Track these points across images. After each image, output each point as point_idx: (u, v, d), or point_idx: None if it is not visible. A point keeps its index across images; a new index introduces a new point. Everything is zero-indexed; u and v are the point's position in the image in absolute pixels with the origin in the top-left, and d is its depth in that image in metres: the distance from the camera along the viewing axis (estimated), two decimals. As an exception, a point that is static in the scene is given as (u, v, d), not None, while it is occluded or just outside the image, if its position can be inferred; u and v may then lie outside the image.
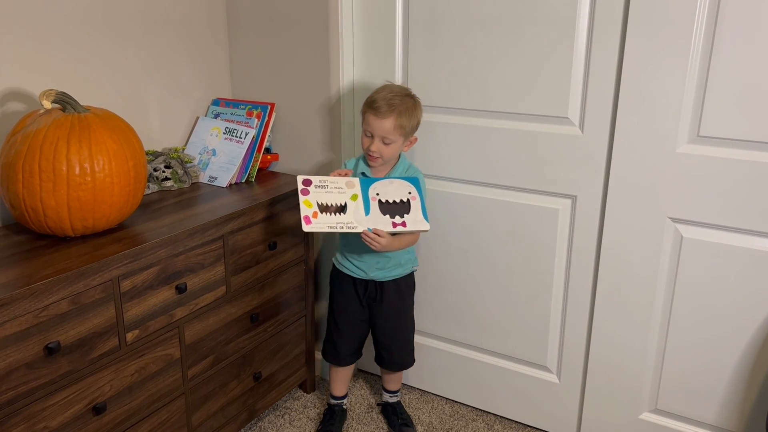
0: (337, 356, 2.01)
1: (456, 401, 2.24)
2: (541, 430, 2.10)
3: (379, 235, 1.68)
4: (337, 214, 1.70)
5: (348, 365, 2.06)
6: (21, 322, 1.28)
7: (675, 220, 1.69)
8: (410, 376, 2.29)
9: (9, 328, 1.26)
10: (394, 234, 1.72)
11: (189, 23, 2.09)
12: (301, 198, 1.69)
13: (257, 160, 2.09)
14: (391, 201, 1.74)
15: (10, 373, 1.28)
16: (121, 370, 1.52)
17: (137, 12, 1.92)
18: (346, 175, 1.77)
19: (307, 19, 2.03)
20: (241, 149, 2.04)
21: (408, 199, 1.75)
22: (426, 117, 1.97)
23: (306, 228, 1.67)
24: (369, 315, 1.96)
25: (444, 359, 2.20)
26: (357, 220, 1.70)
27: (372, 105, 1.73)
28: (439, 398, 2.27)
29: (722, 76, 1.54)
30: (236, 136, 2.07)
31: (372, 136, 1.75)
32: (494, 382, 2.13)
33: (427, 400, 2.25)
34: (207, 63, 2.18)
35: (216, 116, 2.18)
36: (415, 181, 1.78)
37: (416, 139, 1.84)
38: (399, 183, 1.76)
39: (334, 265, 1.96)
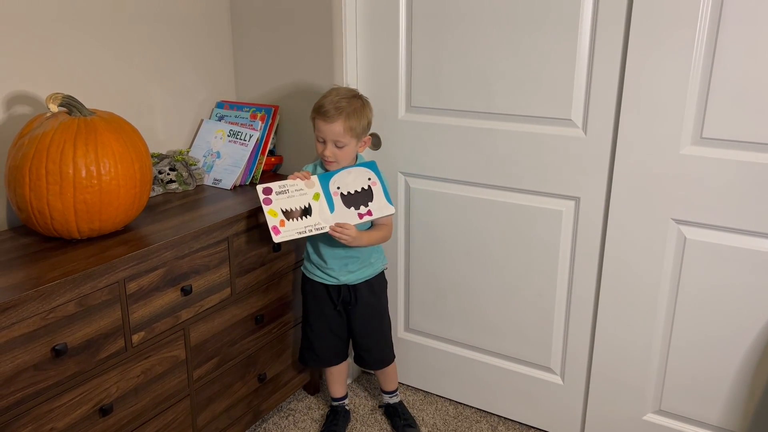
0: (317, 359, 2.00)
1: (460, 402, 2.25)
2: (544, 431, 2.10)
3: (345, 227, 1.69)
4: (303, 217, 1.70)
5: (333, 366, 2.05)
6: (28, 324, 1.29)
7: (678, 222, 1.69)
8: (414, 377, 2.30)
9: (17, 329, 1.27)
10: (363, 227, 1.72)
11: (193, 27, 2.10)
12: (265, 208, 1.69)
13: (261, 163, 2.10)
14: (352, 192, 1.74)
15: (18, 375, 1.29)
16: (128, 371, 1.53)
17: (142, 16, 1.93)
18: (304, 177, 1.75)
19: (310, 22, 2.04)
20: (245, 151, 2.05)
21: (369, 186, 1.75)
22: (429, 119, 1.98)
23: (276, 239, 1.67)
24: (345, 318, 1.96)
25: (448, 361, 2.21)
26: (323, 220, 1.71)
27: (320, 110, 1.73)
28: (442, 399, 2.27)
29: (725, 78, 1.54)
30: (240, 139, 2.08)
31: (324, 141, 1.75)
32: (498, 383, 2.13)
33: (430, 401, 2.26)
34: (211, 66, 2.19)
35: (220, 119, 2.19)
36: (372, 165, 1.77)
37: (369, 139, 1.85)
38: (357, 171, 1.76)
39: (303, 273, 1.95)
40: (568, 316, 1.94)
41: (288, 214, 1.70)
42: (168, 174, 1.95)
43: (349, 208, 1.73)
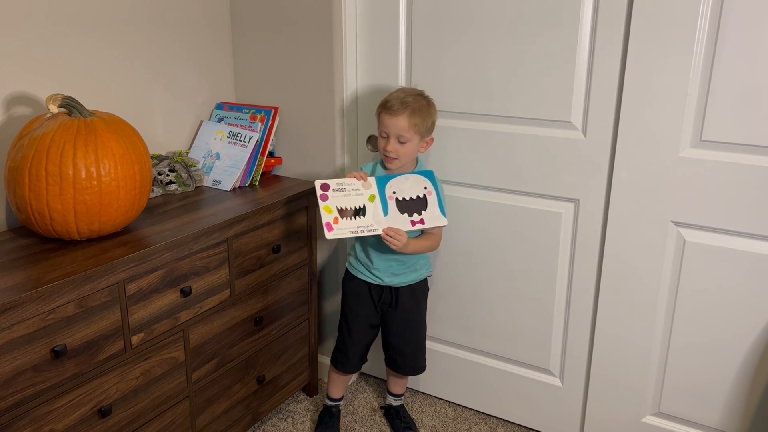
0: (347, 364, 2.00)
1: (459, 404, 2.25)
2: (543, 433, 2.11)
3: (398, 233, 1.69)
4: (357, 217, 1.71)
5: (355, 372, 2.05)
6: (28, 325, 1.28)
7: (678, 224, 1.69)
8: (413, 379, 2.30)
9: (16, 331, 1.26)
10: (413, 234, 1.73)
11: (193, 28, 2.10)
12: (321, 204, 1.69)
13: (261, 164, 2.10)
14: (407, 198, 1.74)
15: (17, 376, 1.28)
16: (127, 373, 1.53)
17: (142, 17, 1.93)
18: (362, 177, 1.75)
19: (310, 24, 2.04)
20: (244, 153, 2.05)
21: (424, 195, 1.75)
22: (429, 121, 1.98)
23: (329, 235, 1.67)
24: (381, 320, 1.96)
25: (447, 362, 2.21)
26: (376, 222, 1.71)
27: (386, 105, 1.75)
28: (442, 401, 2.27)
29: (725, 80, 1.55)
30: (240, 140, 2.08)
31: (387, 137, 1.76)
32: (497, 385, 2.13)
33: (430, 403, 2.26)
34: (211, 67, 2.20)
35: (220, 120, 2.19)
36: (429, 175, 1.78)
37: (432, 140, 1.84)
38: (414, 178, 1.77)
39: (347, 269, 1.96)
40: (567, 319, 1.94)
41: (343, 212, 1.70)
42: (167, 175, 1.95)
43: (402, 213, 1.73)
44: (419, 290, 1.93)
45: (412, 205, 1.74)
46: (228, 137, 2.10)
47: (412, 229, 1.73)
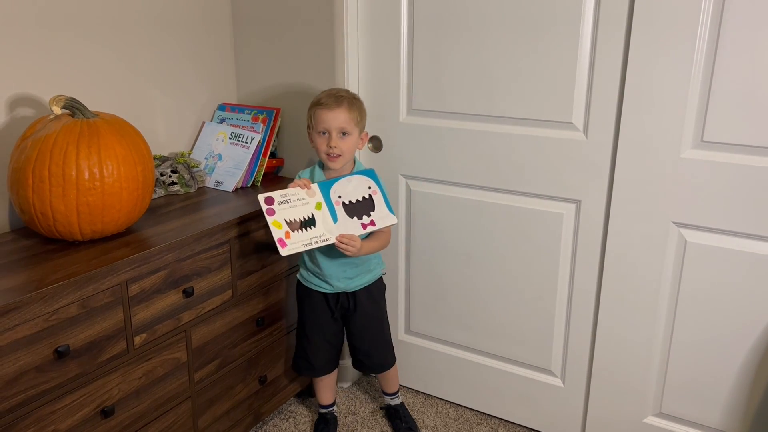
0: (311, 369, 1.98)
1: (460, 405, 2.25)
2: (545, 433, 2.11)
3: (352, 239, 1.68)
4: (308, 228, 1.66)
5: (326, 374, 2.03)
6: (31, 326, 1.29)
7: (679, 225, 1.70)
8: (414, 379, 2.30)
9: (19, 331, 1.27)
10: (363, 235, 1.72)
11: (195, 29, 2.11)
12: (269, 219, 1.63)
13: (263, 165, 2.11)
14: (354, 201, 1.73)
15: (20, 377, 1.29)
16: (129, 373, 1.53)
17: (144, 18, 1.94)
18: (305, 185, 1.70)
19: (312, 25, 2.04)
20: (246, 154, 2.06)
21: (370, 195, 1.74)
22: (430, 122, 1.99)
23: (283, 252, 1.62)
24: (343, 325, 1.95)
25: (448, 363, 2.21)
26: (328, 230, 1.68)
27: (319, 102, 1.74)
28: (443, 402, 2.27)
29: (726, 81, 1.55)
30: (242, 141, 2.08)
31: (328, 132, 1.73)
32: (498, 385, 2.14)
33: (431, 403, 2.26)
34: (213, 68, 2.20)
35: (222, 121, 2.20)
36: (370, 173, 1.76)
37: (367, 134, 1.85)
38: (357, 179, 1.75)
39: (299, 281, 1.92)
40: (568, 319, 1.94)
41: (293, 225, 1.65)
42: (170, 176, 1.96)
43: (352, 218, 1.71)
44: (376, 291, 1.92)
45: (360, 208, 1.72)
46: (230, 138, 2.11)
47: (364, 232, 1.71)
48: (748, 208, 1.59)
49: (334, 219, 1.70)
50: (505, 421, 2.17)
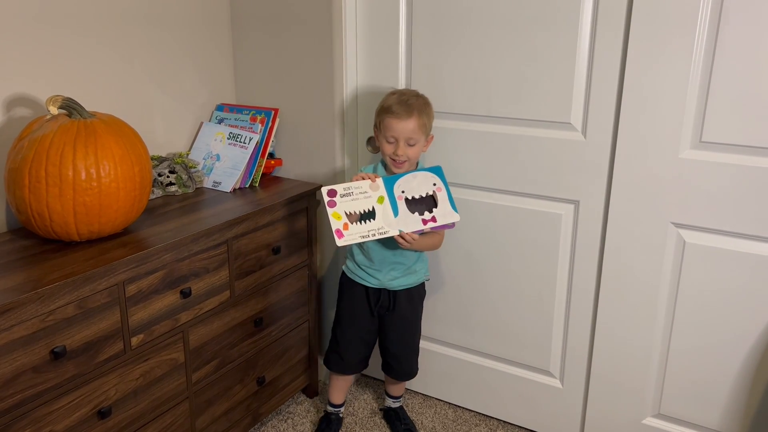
0: (342, 366, 1.98)
1: (459, 406, 2.25)
2: (544, 434, 2.10)
3: (412, 237, 1.68)
4: (367, 221, 1.68)
5: (353, 374, 2.04)
6: (28, 326, 1.28)
7: (678, 226, 1.69)
8: (413, 380, 2.29)
9: (16, 332, 1.26)
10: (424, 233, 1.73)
11: (193, 29, 2.11)
12: (330, 211, 1.67)
13: (261, 165, 2.10)
14: (417, 197, 1.72)
15: (17, 377, 1.28)
16: (127, 374, 1.53)
17: (142, 18, 1.93)
18: (370, 179, 1.73)
19: (310, 25, 2.04)
20: (245, 154, 2.05)
21: (434, 191, 1.74)
22: (429, 122, 1.98)
23: (339, 242, 1.65)
24: (379, 325, 1.95)
25: (447, 364, 2.21)
26: (387, 224, 1.69)
27: (390, 110, 1.72)
28: (442, 403, 2.27)
29: (725, 82, 1.55)
30: (240, 141, 2.08)
31: (395, 141, 1.74)
32: (497, 386, 2.13)
33: (430, 404, 2.26)
34: (211, 69, 2.20)
35: (220, 121, 2.19)
36: (437, 170, 1.76)
37: (432, 137, 1.84)
38: (422, 176, 1.75)
39: (344, 272, 1.94)
40: (567, 320, 1.94)
41: (352, 217, 1.68)
42: (168, 176, 1.95)
43: (413, 213, 1.71)
44: (417, 295, 1.93)
45: (422, 204, 1.72)
46: (228, 138, 2.10)
47: (425, 228, 1.71)
48: (747, 209, 1.59)
49: (395, 213, 1.70)
50: (504, 422, 2.16)
